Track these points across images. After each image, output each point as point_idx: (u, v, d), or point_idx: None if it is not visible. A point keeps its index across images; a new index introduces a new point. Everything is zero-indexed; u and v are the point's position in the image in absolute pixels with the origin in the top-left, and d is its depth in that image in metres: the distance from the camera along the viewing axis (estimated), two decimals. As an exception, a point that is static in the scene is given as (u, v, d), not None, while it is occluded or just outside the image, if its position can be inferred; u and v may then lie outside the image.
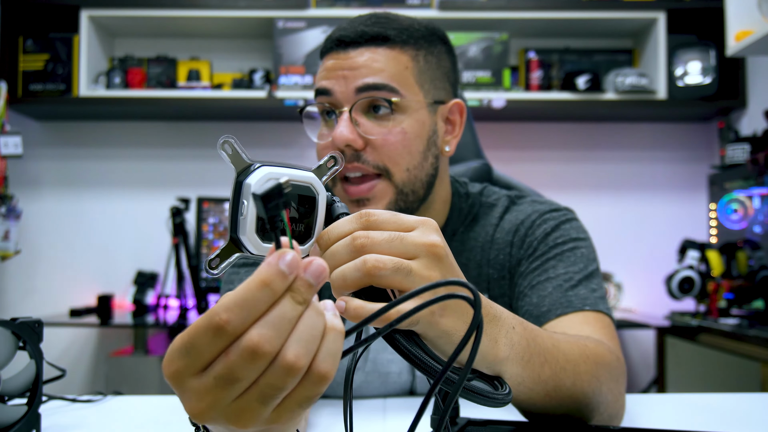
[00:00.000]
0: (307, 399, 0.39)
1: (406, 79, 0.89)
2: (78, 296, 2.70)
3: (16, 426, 0.67)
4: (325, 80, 0.90)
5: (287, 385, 0.38)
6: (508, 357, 0.55)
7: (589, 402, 0.67)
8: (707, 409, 0.89)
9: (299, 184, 0.48)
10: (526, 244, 0.95)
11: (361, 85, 0.87)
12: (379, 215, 0.50)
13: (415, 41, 0.91)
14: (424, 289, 0.43)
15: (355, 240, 0.49)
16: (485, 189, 1.05)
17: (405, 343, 0.49)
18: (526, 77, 2.64)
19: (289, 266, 0.38)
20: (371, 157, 0.89)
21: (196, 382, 0.38)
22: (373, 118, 0.89)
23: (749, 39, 1.97)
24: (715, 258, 2.16)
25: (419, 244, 0.50)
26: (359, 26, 0.89)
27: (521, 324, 0.59)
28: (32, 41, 2.60)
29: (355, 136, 0.87)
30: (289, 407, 0.39)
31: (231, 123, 2.80)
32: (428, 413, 0.65)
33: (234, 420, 0.39)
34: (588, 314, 0.84)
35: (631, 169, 2.80)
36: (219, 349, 0.38)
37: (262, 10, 2.52)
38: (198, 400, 0.39)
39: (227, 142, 0.46)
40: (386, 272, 0.48)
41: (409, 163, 0.90)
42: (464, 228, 1.00)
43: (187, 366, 0.38)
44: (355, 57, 0.88)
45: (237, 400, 0.38)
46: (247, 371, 0.37)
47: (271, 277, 0.37)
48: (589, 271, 0.90)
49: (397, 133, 0.88)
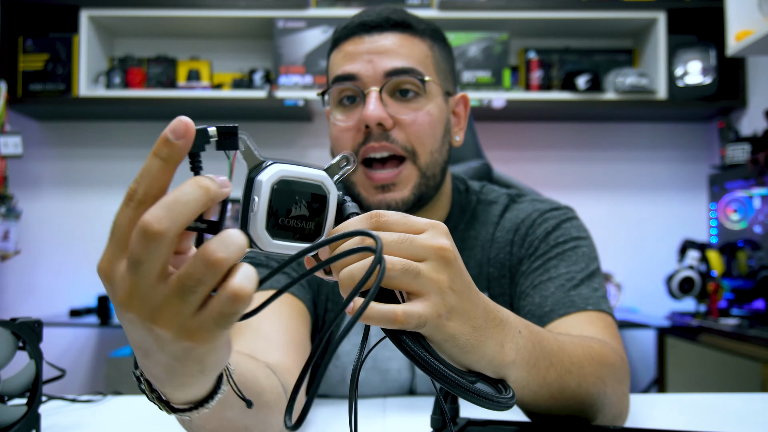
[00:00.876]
0: (222, 316, 0.39)
1: (428, 66, 0.92)
2: (78, 296, 2.70)
3: (15, 426, 0.67)
4: (349, 64, 0.90)
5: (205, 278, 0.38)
6: (514, 361, 0.55)
7: (593, 403, 0.67)
8: (707, 409, 0.89)
9: (310, 182, 0.48)
10: (527, 243, 0.95)
11: (390, 68, 0.89)
12: (389, 216, 0.50)
13: (431, 34, 0.95)
14: (329, 241, 0.46)
15: (364, 240, 0.48)
16: (484, 187, 1.06)
17: (411, 345, 0.49)
18: (526, 77, 2.64)
19: (173, 131, 0.40)
20: (400, 137, 0.90)
21: (117, 269, 0.40)
22: (400, 101, 0.91)
23: (749, 39, 1.97)
24: (715, 258, 2.16)
25: (428, 246, 0.50)
26: (382, 12, 0.92)
27: (527, 327, 0.59)
28: (32, 41, 2.60)
29: (386, 114, 0.89)
30: (206, 322, 0.39)
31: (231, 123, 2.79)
32: (428, 413, 0.65)
33: (156, 316, 0.39)
34: (591, 314, 0.84)
35: (631, 169, 2.80)
36: (131, 224, 0.39)
37: (262, 10, 2.52)
38: (120, 287, 0.40)
39: (241, 138, 0.46)
40: (395, 274, 0.48)
41: (432, 146, 0.92)
42: (464, 225, 1.00)
43: (113, 252, 0.40)
44: (381, 40, 0.90)
45: (155, 290, 0.39)
46: (145, 251, 0.38)
47: (157, 146, 0.40)
48: (590, 270, 0.90)
49: (425, 114, 0.91)
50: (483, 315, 0.52)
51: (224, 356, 0.44)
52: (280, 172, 0.46)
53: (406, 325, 0.48)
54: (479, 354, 0.52)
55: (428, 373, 0.49)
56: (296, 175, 0.47)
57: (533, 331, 0.60)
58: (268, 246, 0.47)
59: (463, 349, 0.51)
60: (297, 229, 0.48)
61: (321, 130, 2.80)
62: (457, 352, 0.51)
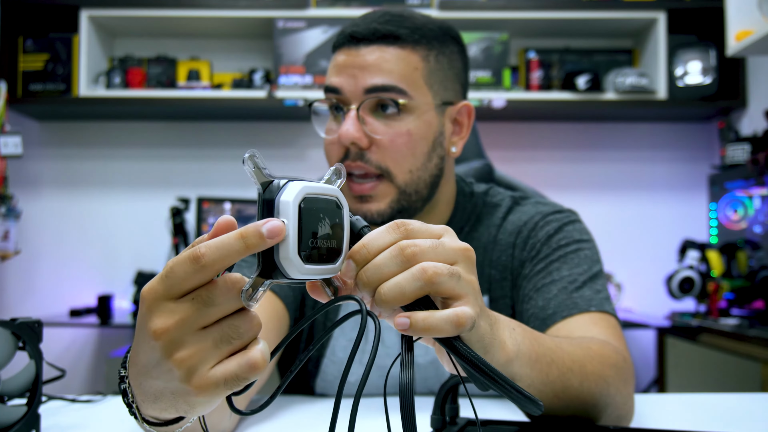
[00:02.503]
0: (234, 377, 0.42)
1: (415, 81, 0.89)
2: (78, 296, 2.70)
3: (15, 426, 0.67)
4: (335, 77, 0.90)
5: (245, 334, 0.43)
6: (516, 356, 0.55)
7: (596, 403, 0.67)
8: (707, 409, 0.89)
9: (327, 198, 0.45)
10: (529, 246, 0.95)
11: (369, 86, 0.88)
12: (413, 224, 0.49)
13: (428, 41, 0.91)
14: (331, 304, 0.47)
15: (404, 249, 0.47)
16: (490, 189, 1.05)
17: (467, 349, 0.48)
18: (526, 77, 2.64)
19: (269, 231, 0.42)
20: (374, 157, 0.89)
21: (171, 304, 0.42)
22: (381, 117, 0.90)
23: (749, 39, 1.97)
24: (715, 258, 2.16)
25: (457, 249, 0.49)
26: (372, 23, 0.89)
27: (519, 326, 0.59)
28: (32, 41, 2.60)
29: (361, 134, 0.88)
30: (216, 378, 0.42)
31: (231, 123, 2.80)
32: (428, 413, 0.65)
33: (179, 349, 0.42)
34: (594, 315, 0.84)
35: (631, 169, 2.80)
36: (193, 280, 0.42)
37: (262, 10, 2.52)
38: (168, 317, 0.42)
39: (251, 156, 0.43)
40: (444, 278, 0.47)
41: (412, 165, 0.90)
42: (469, 228, 1.00)
43: (165, 289, 0.42)
44: (366, 55, 0.88)
45: (197, 334, 0.42)
46: (222, 298, 0.42)
47: (249, 233, 0.42)
48: (593, 272, 0.90)
49: (404, 134, 0.89)
50: (487, 314, 0.53)
51: (210, 409, 0.46)
52: (304, 190, 0.43)
53: (466, 327, 0.47)
54: (492, 352, 0.52)
55: (486, 375, 0.48)
56: (317, 192, 0.44)
57: (526, 329, 0.60)
58: (300, 273, 0.43)
59: (485, 348, 0.51)
60: (323, 249, 0.44)
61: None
62: (481, 352, 0.51)
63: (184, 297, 0.43)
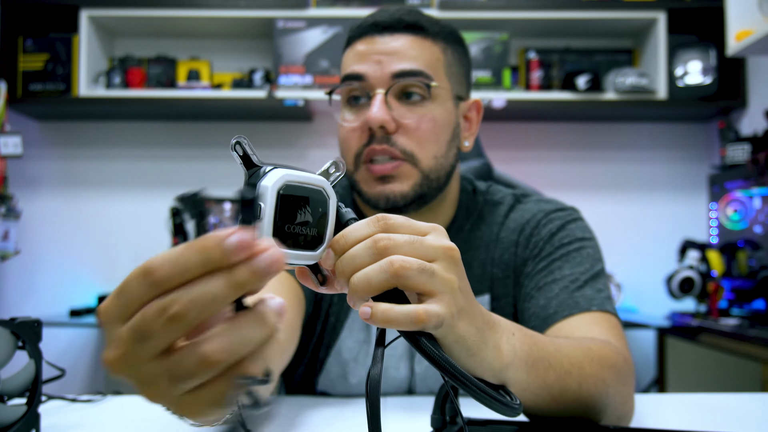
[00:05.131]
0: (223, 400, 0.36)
1: (437, 70, 0.92)
2: (78, 296, 2.70)
3: (15, 426, 0.67)
4: (358, 64, 0.91)
5: (198, 374, 0.35)
6: (512, 362, 0.55)
7: (596, 404, 0.67)
8: (707, 409, 0.89)
9: (313, 187, 0.47)
10: (531, 244, 0.95)
11: (397, 71, 0.89)
12: (395, 219, 0.50)
13: (445, 36, 0.94)
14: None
15: (377, 242, 0.47)
16: (491, 187, 1.06)
17: (432, 347, 0.48)
18: (526, 77, 2.64)
19: (238, 245, 0.35)
20: (400, 141, 0.90)
21: (118, 329, 0.36)
22: (406, 104, 0.91)
23: (750, 39, 1.97)
24: (715, 258, 2.16)
25: (437, 246, 0.50)
26: (395, 13, 0.92)
27: (520, 330, 0.59)
28: (32, 41, 2.60)
29: (389, 117, 0.89)
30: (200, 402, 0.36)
31: (231, 123, 2.80)
32: (428, 413, 0.65)
33: (141, 386, 0.36)
34: (595, 315, 0.84)
35: (631, 169, 2.80)
36: (143, 298, 0.35)
37: (262, 10, 2.52)
38: (114, 347, 0.36)
39: (239, 142, 0.44)
40: (412, 273, 0.47)
41: (437, 151, 0.92)
42: (470, 226, 1.00)
43: (115, 309, 0.36)
44: (391, 42, 0.90)
45: (147, 365, 0.36)
46: (157, 329, 0.34)
47: (210, 245, 0.35)
48: (595, 271, 0.90)
49: (429, 119, 0.91)
50: (481, 317, 0.53)
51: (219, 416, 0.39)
52: (285, 177, 0.44)
53: (428, 324, 0.47)
54: (481, 357, 0.52)
55: (448, 374, 0.48)
56: (300, 180, 0.46)
57: (526, 333, 0.60)
58: None
59: (469, 351, 0.50)
60: (301, 235, 0.46)
61: (321, 130, 2.80)
62: (464, 354, 0.50)
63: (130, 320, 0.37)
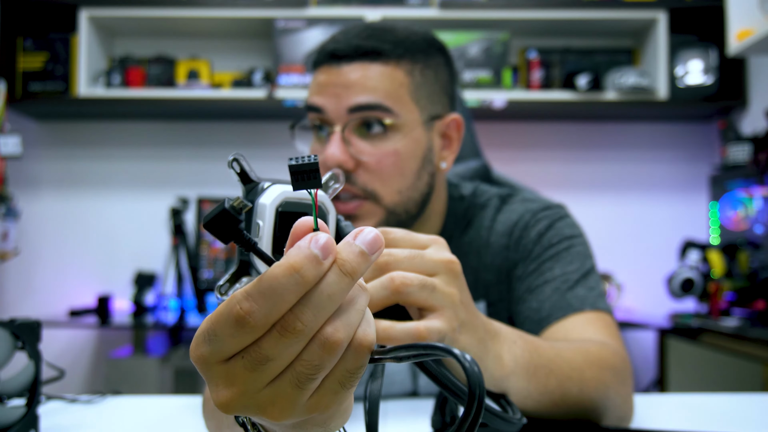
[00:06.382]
0: (350, 375, 0.35)
1: (400, 97, 0.85)
2: (77, 296, 2.69)
3: (15, 426, 0.67)
4: (317, 96, 0.86)
5: (326, 363, 0.34)
6: (513, 371, 0.55)
7: (596, 407, 0.67)
8: (708, 410, 0.89)
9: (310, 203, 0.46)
10: (521, 247, 0.94)
11: (353, 105, 0.83)
12: (395, 233, 0.50)
13: (412, 55, 0.87)
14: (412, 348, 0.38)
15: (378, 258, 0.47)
16: (476, 189, 1.03)
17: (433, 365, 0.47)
18: (526, 77, 2.64)
19: (323, 249, 0.33)
20: (361, 179, 0.85)
21: (223, 368, 0.34)
22: (366, 138, 0.85)
23: (750, 39, 1.97)
24: (716, 258, 2.16)
25: (438, 261, 0.49)
26: (353, 39, 0.85)
27: (521, 337, 0.59)
28: (31, 41, 2.60)
29: (347, 156, 0.84)
30: (330, 387, 0.35)
31: (231, 123, 2.79)
32: (428, 413, 0.65)
33: (267, 410, 0.34)
34: (588, 314, 0.83)
35: (631, 169, 2.80)
36: (243, 341, 0.33)
37: (262, 10, 2.52)
38: (226, 386, 0.34)
39: (236, 159, 0.43)
40: (413, 289, 0.47)
41: (401, 185, 0.86)
42: (459, 232, 0.98)
43: (211, 353, 0.34)
44: (348, 73, 0.84)
45: (270, 386, 0.34)
46: (279, 349, 0.33)
47: (301, 262, 0.32)
48: (585, 269, 0.89)
49: (391, 154, 0.85)
50: (482, 327, 0.52)
51: (347, 414, 0.38)
52: (284, 194, 0.43)
53: (428, 341, 0.47)
54: (482, 367, 0.51)
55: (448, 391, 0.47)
56: (299, 196, 0.45)
57: (528, 340, 0.60)
58: None
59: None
60: None
61: (321, 130, 2.80)
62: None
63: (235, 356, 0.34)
